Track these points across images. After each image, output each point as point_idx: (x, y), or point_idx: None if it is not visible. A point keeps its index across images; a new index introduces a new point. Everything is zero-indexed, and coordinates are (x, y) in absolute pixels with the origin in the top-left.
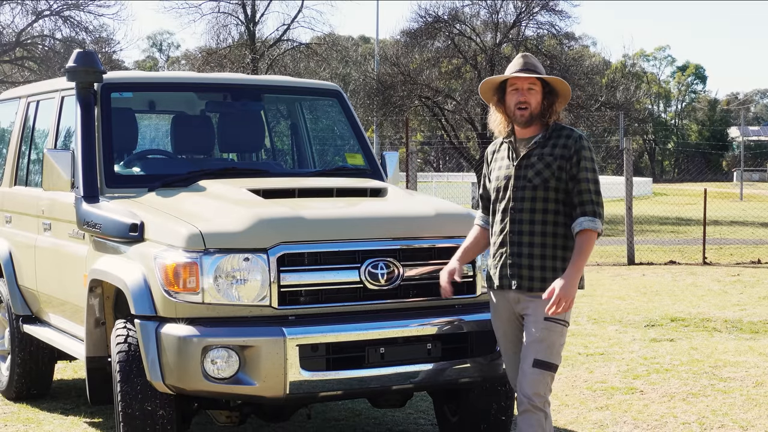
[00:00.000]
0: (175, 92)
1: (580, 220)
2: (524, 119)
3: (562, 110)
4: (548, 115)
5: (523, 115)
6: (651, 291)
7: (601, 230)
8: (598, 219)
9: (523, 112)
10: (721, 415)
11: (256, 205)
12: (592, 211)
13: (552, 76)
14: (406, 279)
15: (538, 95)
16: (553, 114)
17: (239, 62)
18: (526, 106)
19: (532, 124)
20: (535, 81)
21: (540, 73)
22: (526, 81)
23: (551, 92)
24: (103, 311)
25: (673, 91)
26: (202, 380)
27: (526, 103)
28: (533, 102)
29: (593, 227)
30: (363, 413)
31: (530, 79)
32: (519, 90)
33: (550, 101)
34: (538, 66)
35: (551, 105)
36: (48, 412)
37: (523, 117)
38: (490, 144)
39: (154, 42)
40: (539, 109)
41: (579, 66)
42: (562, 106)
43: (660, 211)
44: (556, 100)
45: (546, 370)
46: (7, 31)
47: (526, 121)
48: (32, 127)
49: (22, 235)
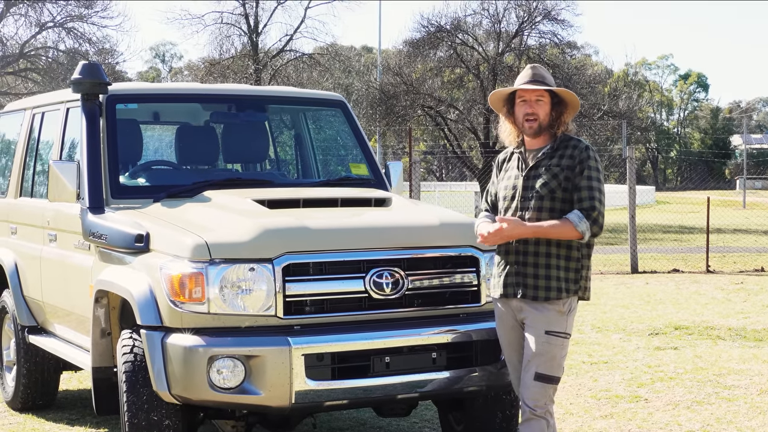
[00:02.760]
0: (179, 103)
1: (570, 213)
2: (533, 130)
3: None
4: (557, 126)
5: (532, 126)
6: (654, 299)
7: (582, 232)
8: (585, 220)
9: (532, 123)
10: (726, 423)
11: (261, 215)
12: (587, 207)
13: (560, 88)
14: (410, 288)
15: (546, 106)
16: (561, 125)
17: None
18: (534, 118)
19: (541, 134)
20: (543, 93)
21: (549, 84)
22: (534, 93)
23: (560, 103)
24: (109, 322)
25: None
26: (208, 390)
27: (534, 114)
28: (541, 113)
29: (575, 222)
30: (368, 422)
31: (538, 91)
32: (527, 102)
33: (559, 112)
34: (547, 77)
35: (560, 116)
36: (53, 423)
37: (532, 128)
38: (502, 152)
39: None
40: (548, 120)
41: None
42: (570, 116)
43: (663, 220)
44: (565, 110)
45: (547, 382)
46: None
47: (535, 132)
48: (37, 138)
49: (27, 246)
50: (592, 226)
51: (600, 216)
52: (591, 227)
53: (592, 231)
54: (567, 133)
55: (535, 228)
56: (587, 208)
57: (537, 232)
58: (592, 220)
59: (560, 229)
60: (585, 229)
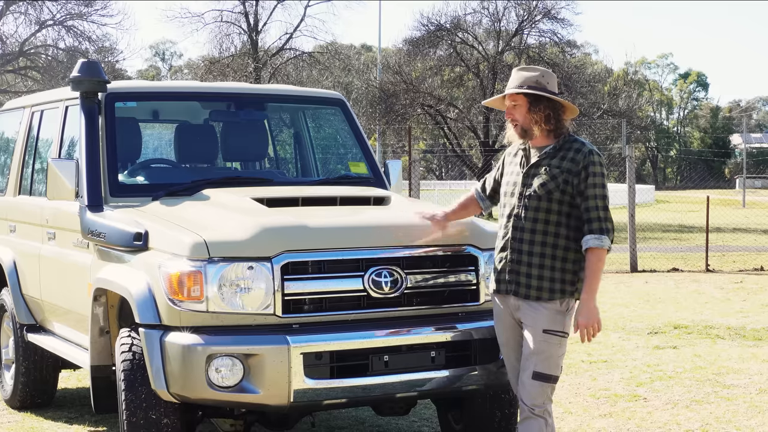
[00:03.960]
0: (178, 101)
1: (587, 238)
2: (517, 133)
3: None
4: (558, 127)
5: (516, 130)
6: (654, 298)
7: (608, 246)
8: (604, 236)
9: (515, 127)
10: (725, 422)
11: (259, 213)
12: (598, 228)
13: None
14: (409, 287)
15: (522, 108)
16: (560, 126)
17: (242, 71)
18: (515, 122)
19: (528, 136)
20: (515, 97)
21: (527, 85)
22: (509, 98)
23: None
24: (108, 320)
25: (676, 98)
26: (206, 388)
27: (514, 120)
28: (519, 117)
29: (599, 245)
30: (367, 421)
31: (511, 97)
32: (508, 107)
33: (556, 113)
34: (528, 76)
35: (557, 116)
36: (52, 421)
37: (516, 132)
38: (512, 146)
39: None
40: (528, 122)
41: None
42: (569, 116)
43: (663, 219)
44: (561, 110)
45: (545, 381)
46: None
47: (520, 135)
48: (36, 136)
49: (26, 245)
50: (609, 236)
51: (610, 223)
52: (609, 236)
53: (610, 239)
54: (573, 135)
55: (592, 288)
56: (597, 229)
57: (595, 288)
58: (606, 232)
59: (597, 263)
60: (608, 244)
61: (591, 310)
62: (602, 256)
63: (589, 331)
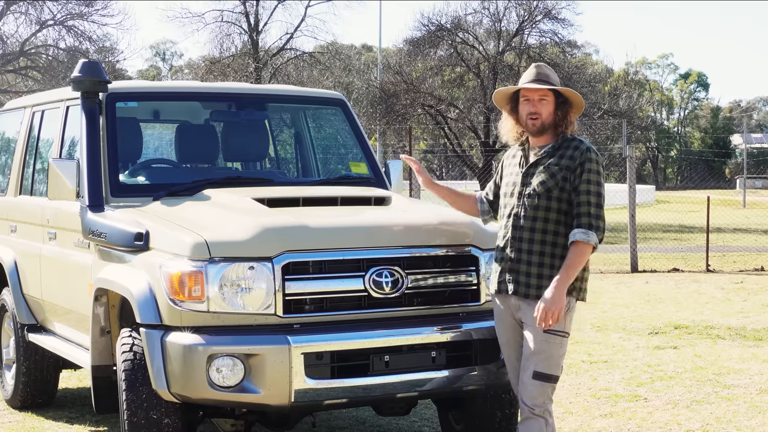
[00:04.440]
0: (179, 102)
1: (574, 231)
2: (536, 128)
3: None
4: (564, 125)
5: (535, 124)
6: (654, 298)
7: (595, 243)
8: (592, 232)
9: (535, 121)
10: (725, 422)
11: (260, 213)
12: (587, 223)
13: (564, 88)
14: (410, 287)
15: (549, 105)
16: (569, 125)
17: (242, 71)
18: (537, 117)
19: (545, 133)
20: (546, 92)
21: (553, 84)
22: (537, 92)
23: (565, 102)
24: (109, 320)
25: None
26: (207, 388)
27: (537, 113)
28: (544, 112)
29: (585, 239)
30: (368, 421)
31: (541, 91)
32: (531, 101)
33: (565, 111)
34: (552, 76)
35: (566, 115)
36: (53, 421)
37: (535, 126)
38: (510, 149)
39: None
40: (551, 119)
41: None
42: (576, 115)
43: (663, 219)
44: (570, 110)
45: (546, 381)
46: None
47: (538, 130)
48: (37, 136)
49: (27, 245)
50: (597, 234)
51: (601, 221)
52: (597, 235)
53: (598, 238)
54: (571, 133)
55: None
56: (586, 224)
57: (567, 279)
58: (595, 229)
59: (579, 257)
60: (595, 241)
61: (557, 296)
62: (586, 251)
63: (548, 316)
